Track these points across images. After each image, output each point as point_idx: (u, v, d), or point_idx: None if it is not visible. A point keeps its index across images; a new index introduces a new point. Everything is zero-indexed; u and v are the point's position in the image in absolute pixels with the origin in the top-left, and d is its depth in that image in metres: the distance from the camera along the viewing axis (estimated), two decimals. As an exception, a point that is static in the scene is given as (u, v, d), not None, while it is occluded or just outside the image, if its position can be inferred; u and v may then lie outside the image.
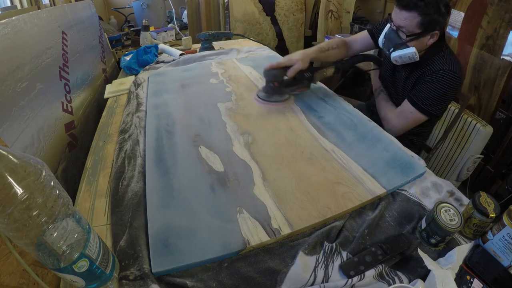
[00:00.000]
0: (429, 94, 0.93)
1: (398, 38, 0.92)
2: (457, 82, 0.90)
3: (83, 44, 1.29)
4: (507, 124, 1.38)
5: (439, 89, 0.91)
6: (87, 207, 0.63)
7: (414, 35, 0.89)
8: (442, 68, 0.90)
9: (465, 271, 0.48)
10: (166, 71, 1.33)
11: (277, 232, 0.54)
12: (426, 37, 0.89)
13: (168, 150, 0.78)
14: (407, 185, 0.67)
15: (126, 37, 2.18)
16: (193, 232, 0.55)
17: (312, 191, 0.63)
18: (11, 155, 0.33)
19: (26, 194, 0.33)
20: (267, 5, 2.43)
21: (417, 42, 0.90)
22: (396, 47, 0.94)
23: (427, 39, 0.90)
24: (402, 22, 0.89)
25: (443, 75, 0.90)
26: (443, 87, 0.90)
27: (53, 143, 0.86)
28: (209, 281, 0.48)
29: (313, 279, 0.48)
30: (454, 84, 0.90)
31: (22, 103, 0.75)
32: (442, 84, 0.90)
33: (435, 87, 0.91)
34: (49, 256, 0.37)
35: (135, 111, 0.99)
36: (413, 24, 0.87)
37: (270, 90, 1.00)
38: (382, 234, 0.56)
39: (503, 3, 1.28)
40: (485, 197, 0.54)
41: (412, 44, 0.91)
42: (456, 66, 0.90)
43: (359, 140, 0.80)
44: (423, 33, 0.88)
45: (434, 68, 0.92)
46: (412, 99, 0.97)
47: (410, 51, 0.90)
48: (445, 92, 0.91)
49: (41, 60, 0.88)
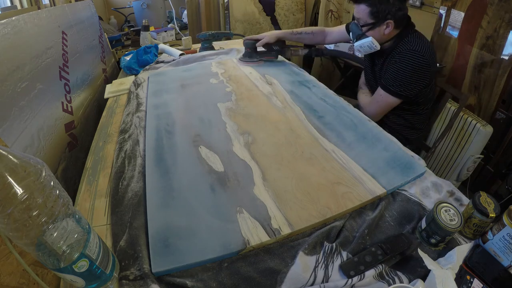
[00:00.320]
0: (395, 76, 0.98)
1: (358, 29, 1.01)
2: (421, 61, 0.94)
3: (83, 44, 1.29)
4: (507, 124, 1.37)
5: (404, 69, 0.96)
6: (87, 207, 0.63)
7: (367, 25, 0.98)
8: (405, 49, 0.96)
9: (465, 271, 0.48)
10: (166, 71, 1.33)
11: (277, 232, 0.54)
12: (382, 27, 0.97)
13: (168, 150, 0.78)
14: (407, 185, 0.67)
15: (126, 37, 2.18)
16: (193, 232, 0.55)
17: (312, 191, 0.63)
18: (11, 155, 0.33)
19: (26, 194, 0.33)
20: (267, 5, 2.43)
21: (373, 32, 0.99)
22: (358, 38, 1.02)
23: (383, 28, 0.97)
24: (356, 14, 1.00)
25: (406, 56, 0.95)
26: (407, 67, 0.95)
27: (53, 143, 0.86)
28: (209, 281, 0.48)
29: (313, 279, 0.48)
30: (419, 64, 0.94)
31: (22, 103, 0.75)
32: (406, 64, 0.95)
33: (400, 68, 0.96)
34: (49, 256, 0.37)
35: (135, 111, 0.99)
36: (365, 15, 0.97)
37: (246, 54, 1.38)
38: (382, 234, 0.56)
39: (503, 3, 1.28)
40: (485, 197, 0.54)
41: (369, 34, 0.99)
42: (422, 47, 0.94)
43: (359, 140, 0.80)
44: (376, 23, 0.96)
45: (399, 50, 0.98)
46: (381, 82, 1.02)
47: (367, 40, 0.99)
48: (410, 72, 0.95)
49: (41, 60, 0.88)
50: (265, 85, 1.14)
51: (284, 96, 1.05)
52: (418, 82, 0.98)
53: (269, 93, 1.07)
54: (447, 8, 1.57)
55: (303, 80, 1.18)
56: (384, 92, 1.02)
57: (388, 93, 1.01)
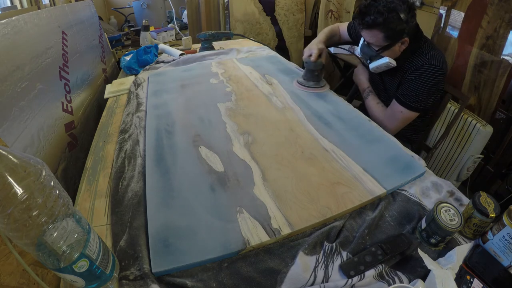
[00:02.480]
0: (414, 92, 0.95)
1: (371, 51, 0.98)
2: (439, 74, 0.93)
3: (83, 44, 1.29)
4: (507, 124, 1.37)
5: (423, 84, 0.94)
6: (87, 207, 0.63)
7: (383, 48, 0.94)
8: (423, 64, 0.94)
9: (465, 271, 0.48)
10: (166, 71, 1.33)
11: (277, 232, 0.54)
12: (397, 45, 0.94)
13: (168, 150, 0.77)
14: (407, 185, 0.67)
15: (126, 37, 2.18)
16: (193, 232, 0.55)
17: (312, 191, 0.63)
18: (11, 155, 0.33)
19: (26, 194, 0.33)
20: (267, 5, 2.42)
21: (389, 52, 0.95)
22: (372, 59, 1.00)
23: (398, 46, 0.94)
24: (369, 39, 0.96)
25: (425, 70, 0.93)
26: (427, 82, 0.93)
27: (53, 143, 0.86)
28: (209, 281, 0.48)
29: (313, 279, 0.48)
30: (437, 77, 0.93)
31: (22, 103, 0.75)
32: (425, 79, 0.93)
33: (419, 84, 0.94)
34: (49, 256, 0.37)
35: (135, 111, 0.99)
36: (379, 39, 0.93)
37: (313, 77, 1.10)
38: (382, 234, 0.56)
39: (503, 3, 1.28)
40: (485, 197, 0.54)
41: (384, 54, 0.96)
42: (437, 59, 0.93)
43: (359, 140, 0.80)
44: (391, 44, 0.93)
45: (415, 65, 0.96)
46: (399, 98, 0.99)
47: (384, 61, 0.96)
48: (429, 86, 0.94)
49: (41, 60, 0.88)
50: (265, 85, 1.14)
51: (284, 96, 1.05)
52: (436, 93, 0.97)
53: (269, 93, 1.07)
54: (447, 8, 1.57)
55: (303, 80, 1.18)
56: (404, 109, 0.98)
57: (409, 109, 0.98)
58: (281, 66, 1.35)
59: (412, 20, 0.90)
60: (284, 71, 1.27)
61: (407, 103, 0.97)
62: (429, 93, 0.95)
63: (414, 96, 0.96)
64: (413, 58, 0.96)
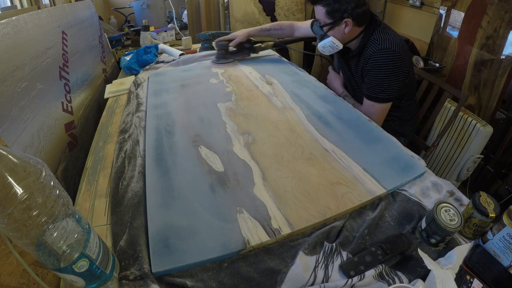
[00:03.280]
0: (375, 82, 0.96)
1: (320, 30, 1.02)
2: (393, 57, 0.92)
3: (83, 44, 1.29)
4: (507, 124, 1.37)
5: (380, 72, 0.94)
6: (87, 207, 0.63)
7: (327, 25, 0.98)
8: (374, 51, 0.94)
9: (465, 271, 0.48)
10: (166, 71, 1.33)
11: (277, 232, 0.54)
12: (341, 26, 0.96)
13: (168, 150, 0.78)
14: (407, 185, 0.67)
15: (126, 37, 2.18)
16: (193, 232, 0.55)
17: (312, 191, 0.63)
18: (11, 155, 0.33)
19: (26, 194, 0.33)
20: (267, 5, 2.42)
21: (333, 31, 0.98)
22: (321, 38, 1.03)
23: (342, 27, 0.96)
24: (316, 16, 1.01)
25: (378, 57, 0.93)
26: (382, 69, 0.93)
27: (53, 143, 0.86)
28: (209, 281, 0.48)
29: (313, 279, 0.48)
30: (392, 60, 0.92)
31: (22, 103, 0.75)
32: (380, 66, 0.94)
33: (376, 73, 0.95)
34: (49, 256, 0.37)
35: (135, 111, 0.99)
36: (322, 15, 0.97)
37: (220, 56, 1.37)
38: (382, 234, 0.56)
39: (503, 3, 1.28)
40: (485, 197, 0.54)
41: (330, 33, 0.99)
42: (387, 43, 0.92)
43: (359, 140, 0.80)
44: (334, 22, 0.96)
45: (369, 54, 0.96)
46: (366, 93, 1.01)
47: (328, 40, 0.99)
48: (387, 73, 0.94)
49: (41, 60, 0.88)
50: (265, 85, 1.14)
51: (284, 96, 1.05)
52: (399, 78, 0.95)
53: (269, 93, 1.07)
54: (447, 8, 1.57)
55: (303, 80, 1.18)
56: (374, 102, 1.00)
57: (378, 102, 0.99)
58: (281, 66, 1.35)
59: (354, 3, 0.92)
60: (284, 71, 1.27)
61: (373, 95, 0.99)
62: (390, 79, 0.94)
63: (377, 86, 0.97)
64: (368, 45, 0.97)
